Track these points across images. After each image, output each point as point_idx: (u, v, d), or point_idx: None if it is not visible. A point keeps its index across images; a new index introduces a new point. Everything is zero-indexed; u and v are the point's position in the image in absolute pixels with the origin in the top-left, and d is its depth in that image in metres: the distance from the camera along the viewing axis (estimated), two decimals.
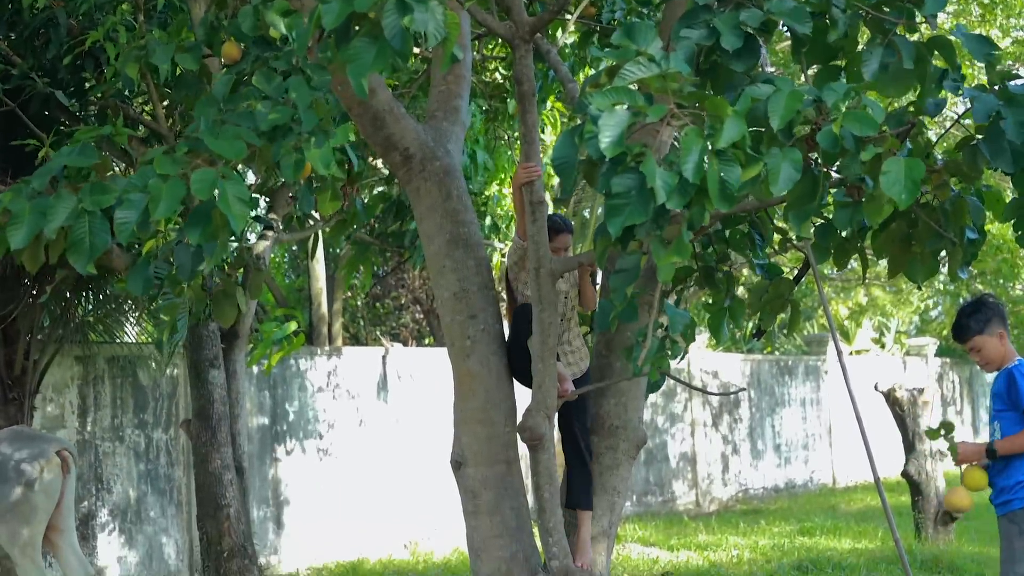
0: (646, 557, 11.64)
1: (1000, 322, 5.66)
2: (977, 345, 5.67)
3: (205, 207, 5.05)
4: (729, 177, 4.56)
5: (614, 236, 4.83)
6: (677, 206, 4.66)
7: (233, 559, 8.82)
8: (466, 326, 6.62)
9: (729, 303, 6.51)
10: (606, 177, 4.83)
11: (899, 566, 9.68)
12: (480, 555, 6.64)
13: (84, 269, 5.02)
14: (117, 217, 4.99)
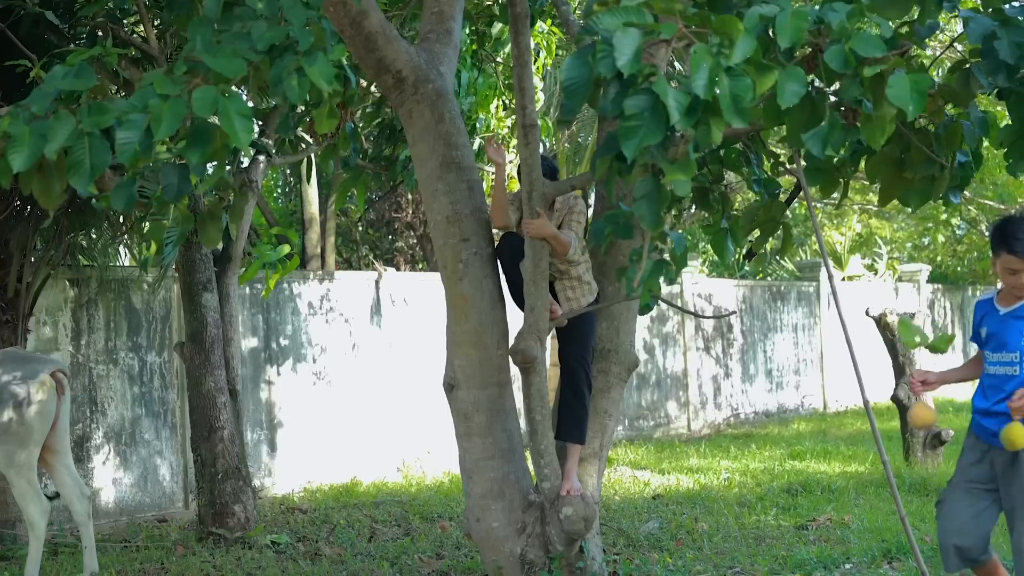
0: (637, 480, 11.75)
1: None
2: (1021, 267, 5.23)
3: (206, 127, 5.03)
4: (741, 90, 4.54)
5: (630, 158, 4.81)
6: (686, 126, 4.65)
7: (227, 481, 8.89)
8: (459, 249, 6.64)
9: (727, 223, 6.52)
10: (618, 99, 4.81)
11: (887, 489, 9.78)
12: (472, 476, 6.71)
13: (85, 190, 5.02)
14: (119, 138, 4.97)
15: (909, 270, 22.30)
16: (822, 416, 18.70)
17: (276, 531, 9.20)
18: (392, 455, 12.74)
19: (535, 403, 6.60)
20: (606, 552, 7.65)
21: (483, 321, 6.66)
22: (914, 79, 4.72)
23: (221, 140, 5.06)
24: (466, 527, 6.81)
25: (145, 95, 5.01)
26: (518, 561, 6.60)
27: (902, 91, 4.69)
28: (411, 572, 7.67)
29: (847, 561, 7.55)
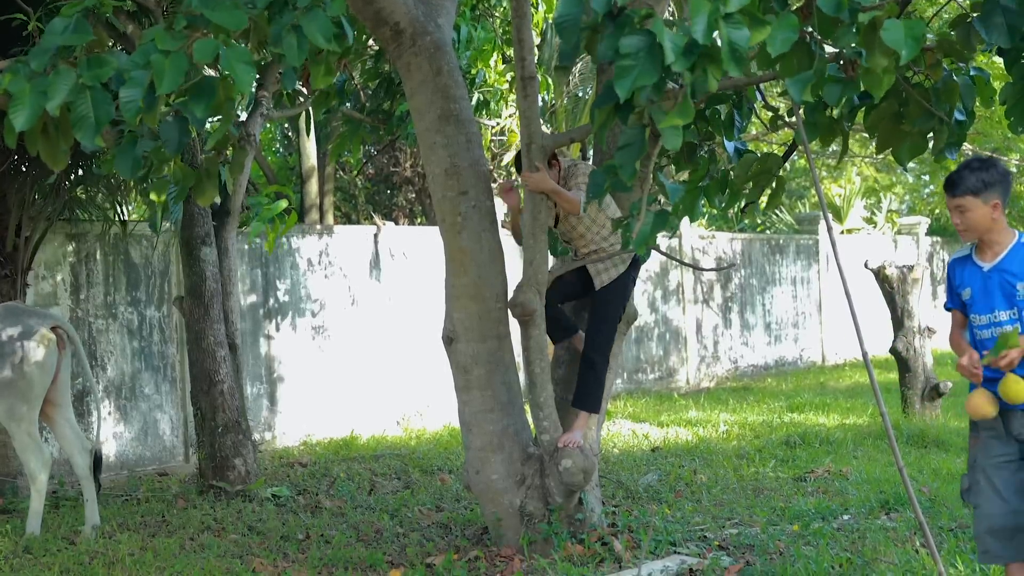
0: (636, 433, 11.80)
1: (1002, 192, 4.82)
2: (965, 205, 4.82)
3: (209, 80, 5.02)
4: (738, 40, 4.55)
5: (623, 98, 4.78)
6: (683, 67, 4.63)
7: (227, 434, 8.92)
8: (457, 202, 6.64)
9: (706, 183, 6.50)
10: (613, 38, 4.78)
11: (886, 441, 9.82)
12: (471, 429, 6.74)
13: (92, 143, 5.02)
14: (122, 96, 4.97)
15: (908, 223, 22.29)
16: (821, 369, 18.74)
17: (276, 484, 9.24)
18: (391, 408, 12.78)
19: (534, 356, 6.62)
20: (605, 504, 7.69)
21: (482, 274, 6.67)
22: (908, 24, 4.71)
23: (224, 93, 5.05)
24: (465, 479, 6.84)
25: (146, 51, 4.99)
26: (517, 513, 6.64)
27: (896, 36, 4.68)
28: (411, 524, 7.72)
29: (845, 512, 7.60)
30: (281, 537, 7.44)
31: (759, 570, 6.18)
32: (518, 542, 6.63)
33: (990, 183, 4.77)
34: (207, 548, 7.16)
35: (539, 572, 6.28)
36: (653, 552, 6.67)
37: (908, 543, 6.59)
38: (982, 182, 4.77)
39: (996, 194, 4.78)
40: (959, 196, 4.82)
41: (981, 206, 4.79)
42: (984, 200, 4.77)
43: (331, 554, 6.87)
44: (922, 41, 4.74)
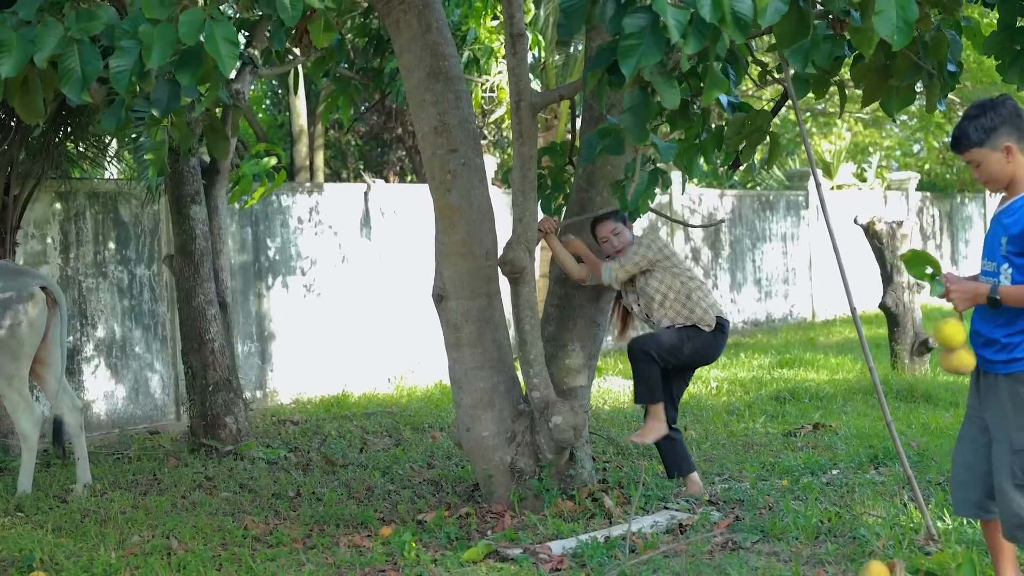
0: (627, 390, 11.83)
1: (1012, 132, 4.42)
2: (975, 159, 4.49)
3: (195, 49, 4.99)
4: (742, 10, 4.60)
5: (628, 78, 4.83)
6: (694, 49, 4.67)
7: (218, 392, 8.94)
8: (447, 160, 6.62)
9: (702, 138, 6.50)
10: (617, 17, 4.80)
11: (875, 396, 9.87)
12: (462, 387, 6.76)
13: (78, 97, 5.00)
14: (113, 66, 4.95)
15: (898, 178, 22.29)
16: (810, 325, 18.79)
17: (268, 442, 9.26)
18: (383, 366, 12.80)
19: (524, 313, 6.63)
20: (595, 460, 7.73)
21: (471, 232, 6.67)
22: (901, 5, 4.69)
23: (212, 60, 5.02)
24: (456, 436, 6.87)
25: (136, 19, 4.96)
26: (508, 469, 6.67)
27: (888, 19, 4.68)
28: (402, 481, 7.75)
29: (834, 467, 7.64)
30: (273, 495, 7.47)
31: (748, 525, 6.22)
32: (509, 499, 6.67)
33: (992, 128, 4.41)
34: (199, 506, 7.19)
35: (530, 528, 6.32)
36: (643, 508, 6.71)
37: (896, 497, 6.63)
38: (983, 130, 4.42)
39: (1005, 137, 4.41)
40: (965, 152, 4.50)
41: (991, 154, 4.44)
42: (992, 147, 4.42)
43: (322, 512, 6.90)
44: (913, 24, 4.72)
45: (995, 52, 5.76)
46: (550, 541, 6.01)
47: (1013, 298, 4.36)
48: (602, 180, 7.14)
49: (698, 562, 5.60)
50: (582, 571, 5.52)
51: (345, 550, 6.07)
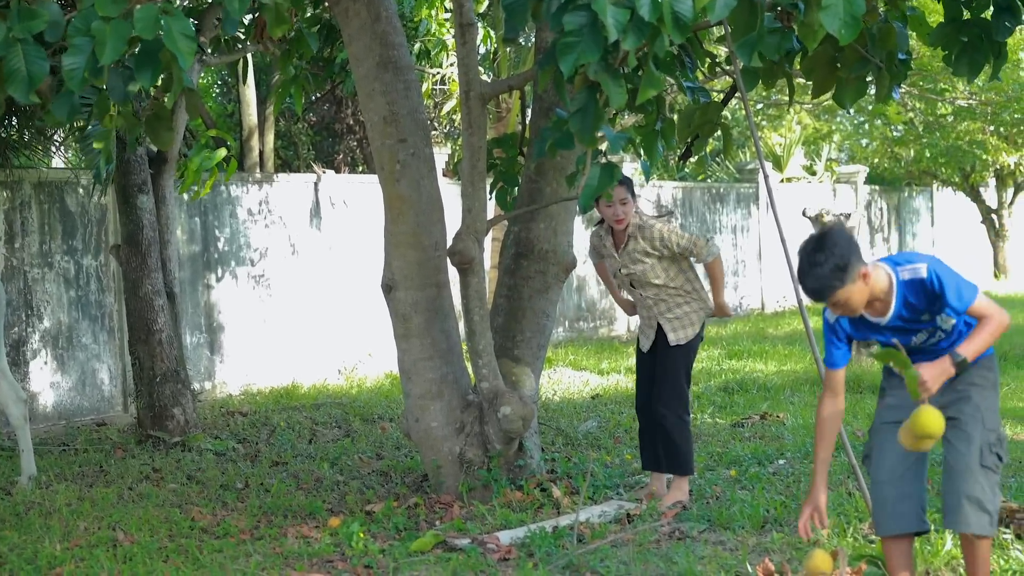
0: (577, 381, 11.87)
1: (857, 255, 4.19)
2: (841, 299, 4.22)
3: (151, 47, 4.94)
4: (682, 10, 4.62)
5: (567, 75, 4.85)
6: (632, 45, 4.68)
7: (166, 384, 8.87)
8: (396, 150, 6.61)
9: (660, 125, 6.53)
10: (557, 15, 4.82)
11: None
12: (411, 377, 6.75)
13: (26, 98, 4.93)
14: (66, 64, 4.89)
15: (847, 172, 22.46)
16: (760, 316, 18.92)
17: (216, 433, 9.21)
18: (333, 358, 12.76)
19: (473, 304, 6.63)
20: (544, 451, 7.74)
21: (420, 222, 6.66)
22: (848, 3, 4.72)
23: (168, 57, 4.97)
24: (405, 427, 6.86)
25: (87, 17, 4.89)
26: (457, 460, 6.68)
27: (834, 15, 4.71)
28: (351, 472, 7.73)
29: (781, 457, 7.70)
30: (220, 486, 7.44)
31: (695, 514, 6.26)
32: (457, 489, 6.67)
33: (845, 265, 4.15)
34: (145, 497, 7.14)
35: (478, 518, 6.33)
36: (591, 498, 6.73)
37: (842, 486, 6.69)
38: (839, 271, 4.15)
39: (856, 264, 4.18)
40: (831, 300, 4.23)
41: (852, 287, 4.19)
42: (852, 281, 4.18)
43: (270, 502, 6.88)
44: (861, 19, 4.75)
45: (942, 44, 5.82)
46: (498, 531, 6.02)
47: (977, 350, 4.30)
48: (552, 171, 7.15)
49: (645, 551, 5.63)
50: (530, 561, 5.53)
51: (293, 541, 6.05)
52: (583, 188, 5.78)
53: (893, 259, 4.36)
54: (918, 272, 4.27)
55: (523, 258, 7.20)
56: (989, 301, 4.33)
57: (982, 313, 4.30)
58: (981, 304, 4.29)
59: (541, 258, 7.17)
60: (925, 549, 5.37)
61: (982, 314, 4.30)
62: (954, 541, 5.24)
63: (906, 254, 4.43)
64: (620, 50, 5.07)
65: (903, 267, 4.30)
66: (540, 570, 5.34)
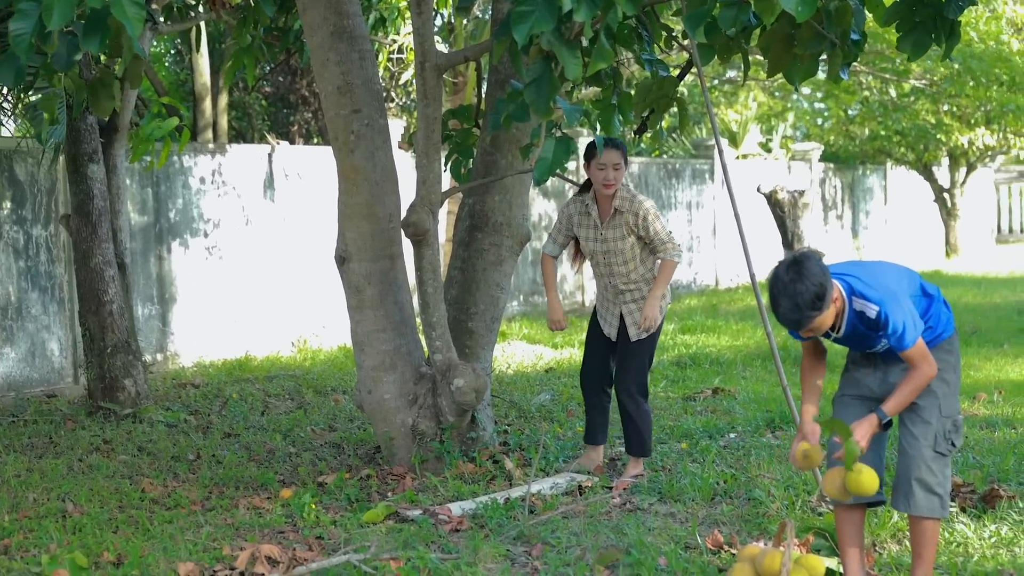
0: (531, 354, 11.88)
1: (829, 284, 4.20)
2: (816, 326, 4.27)
3: (100, 14, 4.87)
4: None
5: (521, 44, 4.84)
6: (585, 17, 4.66)
7: (117, 355, 8.80)
8: (350, 121, 6.57)
9: (617, 99, 6.54)
10: None
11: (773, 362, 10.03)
12: (364, 349, 6.74)
13: None
14: (12, 29, 4.82)
15: (802, 149, 22.58)
16: (714, 292, 19.00)
17: (168, 405, 9.15)
18: (286, 330, 12.71)
19: (427, 276, 6.61)
20: (497, 423, 7.76)
21: (375, 193, 6.63)
22: None
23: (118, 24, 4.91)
24: (358, 399, 6.85)
25: None
26: (409, 432, 6.68)
27: None
28: (303, 444, 7.71)
29: (732, 430, 7.75)
30: (172, 458, 7.40)
31: (646, 486, 6.30)
32: (410, 461, 6.67)
33: (823, 292, 4.16)
34: (95, 469, 7.09)
35: (430, 490, 6.33)
36: (543, 470, 6.75)
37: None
38: (818, 299, 4.16)
39: (828, 292, 4.18)
40: (808, 331, 4.29)
41: (825, 315, 4.24)
42: (826, 308, 4.20)
43: (222, 474, 6.85)
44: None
45: (895, 23, 5.85)
46: (450, 503, 6.03)
47: (900, 405, 4.36)
48: (507, 144, 7.14)
49: (596, 522, 5.65)
50: (481, 532, 5.54)
51: (244, 512, 6.03)
52: (538, 161, 5.78)
53: (849, 284, 4.34)
54: (868, 310, 4.29)
55: (478, 230, 7.19)
56: (923, 351, 4.31)
57: (912, 362, 4.33)
58: (915, 353, 4.30)
59: (496, 231, 7.17)
60: (872, 521, 5.43)
61: (912, 363, 4.33)
62: (900, 514, 5.30)
63: (864, 285, 4.33)
64: (575, 23, 5.07)
65: (857, 299, 4.32)
66: (491, 541, 5.35)
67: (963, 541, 5.26)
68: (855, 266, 4.48)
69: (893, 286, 4.35)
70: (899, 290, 4.34)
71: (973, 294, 16.92)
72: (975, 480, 6.12)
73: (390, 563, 5.03)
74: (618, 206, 6.52)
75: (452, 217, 13.39)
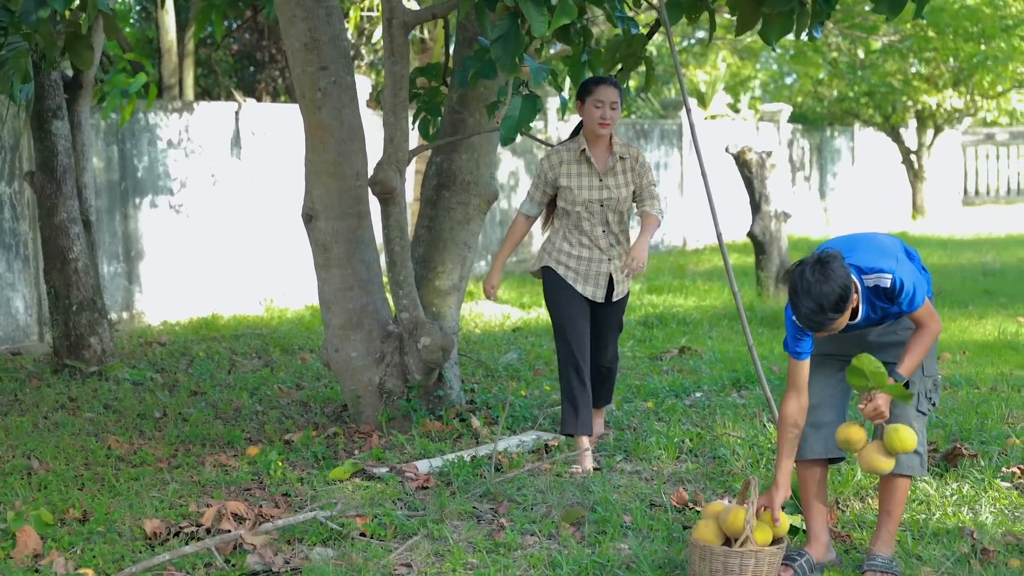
0: (499, 314, 11.89)
1: (853, 282, 4.21)
2: (835, 327, 4.27)
3: None
4: None
5: (487, 1, 4.80)
6: None
7: (82, 313, 8.75)
8: (317, 78, 6.54)
9: (587, 57, 6.52)
10: None
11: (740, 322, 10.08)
12: (331, 307, 6.73)
13: None
14: None
15: (770, 110, 22.60)
16: (681, 252, 19.05)
17: (134, 363, 9.13)
18: (253, 289, 12.67)
19: (394, 234, 6.60)
20: (464, 382, 7.77)
21: (342, 151, 6.61)
22: None
23: None
24: (325, 357, 6.85)
25: None
26: (376, 390, 6.68)
27: None
28: (270, 402, 7.71)
29: (698, 389, 7.79)
30: (138, 415, 7.38)
31: (612, 444, 6.33)
32: (376, 419, 6.69)
33: (846, 297, 4.15)
34: (61, 426, 7.07)
35: (397, 448, 6.35)
36: (510, 428, 6.78)
37: (756, 419, 6.80)
38: (838, 303, 4.14)
39: (851, 294, 4.17)
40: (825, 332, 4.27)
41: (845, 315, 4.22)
42: (847, 310, 4.19)
43: (188, 431, 6.84)
44: None
45: None
46: (417, 460, 6.05)
47: (914, 366, 4.35)
48: (475, 102, 7.11)
49: (562, 480, 5.68)
50: (447, 489, 5.56)
51: (211, 469, 6.03)
52: (504, 119, 5.76)
53: (857, 266, 4.30)
54: (882, 281, 4.27)
55: (445, 189, 7.18)
56: (930, 308, 4.35)
57: (921, 321, 4.35)
58: (924, 312, 4.34)
59: (463, 189, 7.15)
60: (835, 479, 5.48)
61: (920, 322, 4.35)
62: (864, 472, 5.35)
63: (871, 259, 4.32)
64: None
65: (868, 276, 4.29)
66: (457, 498, 5.37)
67: (925, 499, 5.32)
68: (849, 245, 4.45)
69: (893, 251, 4.39)
70: (899, 254, 4.39)
71: (939, 255, 17.03)
72: (938, 439, 6.19)
73: (356, 520, 5.04)
74: (619, 151, 6.13)
75: (420, 176, 13.35)
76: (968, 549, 4.68)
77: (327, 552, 4.73)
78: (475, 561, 4.64)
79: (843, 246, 4.42)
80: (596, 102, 6.00)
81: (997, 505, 5.25)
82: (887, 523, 4.55)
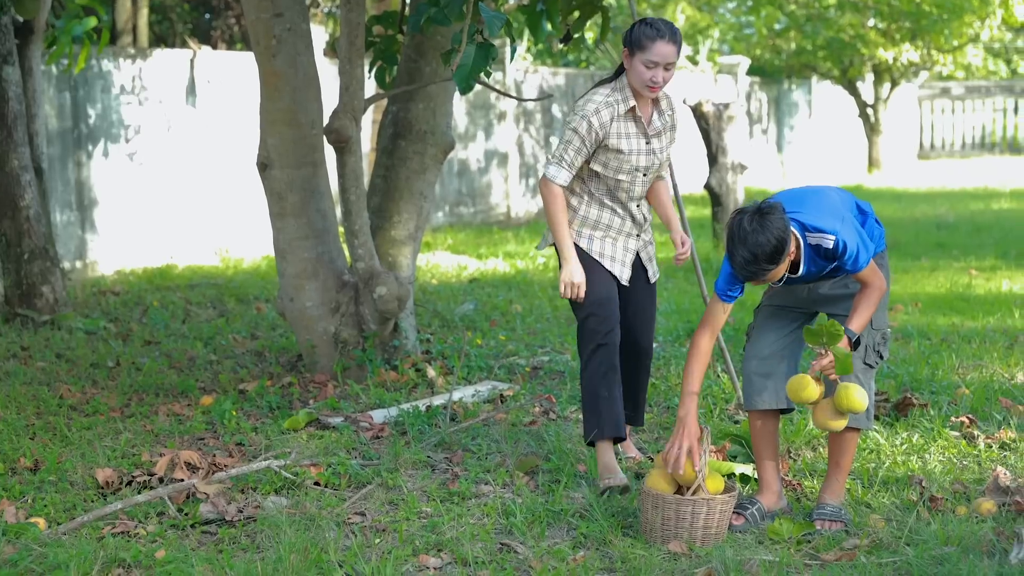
0: (455, 265, 11.89)
1: (791, 235, 4.19)
2: (770, 278, 4.24)
3: None
4: None
5: None
6: None
7: (34, 261, 8.66)
8: (271, 24, 6.47)
9: (543, 6, 6.49)
10: None
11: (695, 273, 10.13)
12: (286, 257, 6.70)
13: None
14: None
15: (729, 62, 22.58)
16: None
17: (87, 312, 9.06)
18: (209, 238, 12.58)
19: (349, 183, 6.57)
20: (420, 332, 7.77)
21: (297, 99, 6.55)
22: None
23: None
24: (279, 307, 6.82)
25: None
26: (331, 340, 6.67)
27: None
28: (225, 352, 7.68)
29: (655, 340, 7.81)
30: (91, 365, 7.33)
31: (567, 397, 6.35)
32: (332, 369, 6.68)
33: (781, 249, 4.11)
34: (12, 375, 7.01)
35: (352, 398, 6.35)
36: (466, 378, 6.79)
37: (710, 368, 6.83)
38: (773, 255, 4.11)
39: (787, 247, 4.14)
40: (759, 282, 4.26)
41: (781, 267, 4.19)
42: (782, 263, 4.16)
43: (142, 381, 6.81)
44: None
45: None
46: (372, 410, 6.05)
47: (865, 323, 4.37)
48: (431, 51, 7.07)
49: (517, 430, 5.70)
50: (402, 439, 5.58)
51: (164, 418, 6.01)
52: (457, 67, 5.72)
53: (800, 223, 4.28)
54: (825, 241, 4.25)
55: (401, 138, 7.15)
56: (874, 268, 4.36)
57: (865, 280, 4.36)
58: (868, 272, 4.35)
59: (419, 139, 7.12)
60: (787, 428, 5.53)
61: (865, 281, 4.37)
62: None
63: (816, 217, 4.28)
64: None
65: (812, 234, 4.27)
66: (412, 448, 5.39)
67: (875, 448, 5.38)
68: (796, 200, 4.42)
69: (840, 211, 4.37)
70: (845, 214, 4.38)
71: (893, 208, 17.14)
72: (888, 389, 6.26)
73: (310, 469, 5.04)
74: (666, 109, 5.14)
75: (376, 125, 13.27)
76: (917, 497, 4.74)
77: (281, 501, 4.73)
78: (429, 510, 4.65)
79: (791, 200, 4.40)
80: (648, 62, 4.83)
81: (946, 454, 5.32)
82: (836, 474, 4.61)
